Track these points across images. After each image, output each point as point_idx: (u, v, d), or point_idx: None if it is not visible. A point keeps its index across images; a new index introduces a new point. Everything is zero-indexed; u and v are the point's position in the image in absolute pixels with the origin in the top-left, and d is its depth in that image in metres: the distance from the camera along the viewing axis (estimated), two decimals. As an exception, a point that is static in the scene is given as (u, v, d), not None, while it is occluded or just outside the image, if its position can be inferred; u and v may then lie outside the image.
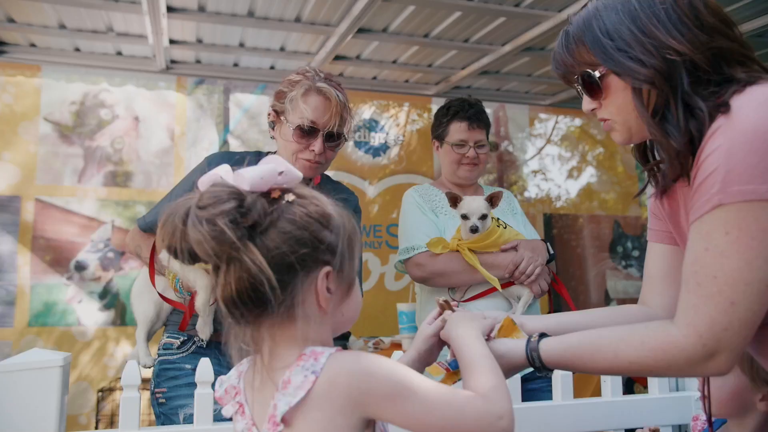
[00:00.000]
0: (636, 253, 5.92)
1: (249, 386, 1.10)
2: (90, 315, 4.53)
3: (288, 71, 4.99)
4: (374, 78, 5.29)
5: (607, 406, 1.86)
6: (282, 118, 2.09)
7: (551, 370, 1.28)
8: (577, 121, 6.03)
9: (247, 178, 1.01)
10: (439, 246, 2.40)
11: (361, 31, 4.21)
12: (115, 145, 4.72)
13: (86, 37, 4.32)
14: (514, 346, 1.29)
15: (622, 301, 5.83)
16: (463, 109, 2.67)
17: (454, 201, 2.42)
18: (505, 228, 2.44)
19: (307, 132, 2.03)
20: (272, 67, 5.03)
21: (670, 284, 1.37)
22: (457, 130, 2.66)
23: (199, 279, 1.94)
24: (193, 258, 0.97)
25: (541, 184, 5.83)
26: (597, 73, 1.25)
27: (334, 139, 2.08)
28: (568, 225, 5.82)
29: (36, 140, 4.53)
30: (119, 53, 4.71)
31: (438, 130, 2.73)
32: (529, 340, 1.28)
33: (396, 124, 5.43)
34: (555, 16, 3.97)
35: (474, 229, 2.34)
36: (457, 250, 2.39)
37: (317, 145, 2.04)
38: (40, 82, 4.57)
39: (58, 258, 4.50)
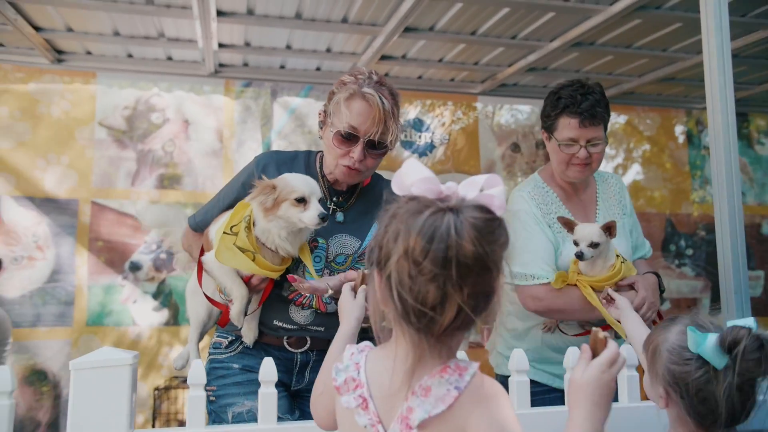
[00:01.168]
0: (690, 252, 5.74)
1: (374, 381, 1.12)
2: (144, 315, 4.64)
3: (334, 72, 5.06)
4: (419, 77, 5.27)
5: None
6: (328, 119, 2.04)
7: None
8: (622, 118, 5.89)
9: (497, 205, 1.05)
10: (560, 280, 2.23)
11: (407, 30, 4.20)
12: (166, 148, 4.83)
13: (138, 43, 4.43)
14: None
15: (675, 302, 5.66)
16: (575, 102, 2.25)
17: (569, 227, 2.23)
18: (623, 262, 2.26)
19: (346, 138, 1.96)
20: (318, 69, 5.06)
21: None
22: (567, 126, 2.28)
23: (235, 289, 1.94)
24: (462, 276, 0.99)
25: (588, 182, 5.71)
26: None
27: (375, 147, 1.99)
28: (618, 223, 5.69)
29: (92, 145, 4.66)
30: (169, 58, 4.81)
31: (546, 121, 2.38)
32: None
33: (441, 123, 5.40)
34: (606, 10, 3.88)
35: (579, 256, 2.15)
36: (576, 284, 2.23)
37: (357, 152, 1.96)
38: (95, 89, 4.72)
39: (113, 259, 4.63)
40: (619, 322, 2.08)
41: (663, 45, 4.58)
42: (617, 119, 5.88)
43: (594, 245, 2.14)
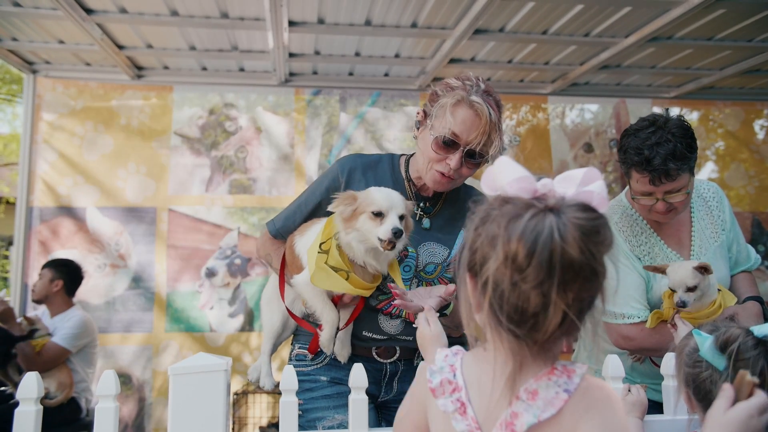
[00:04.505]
0: (780, 253, 5.41)
1: (472, 385, 1.08)
2: (220, 321, 4.75)
3: (402, 77, 5.06)
4: (488, 79, 5.17)
5: None
6: (428, 121, 1.96)
7: None
8: (695, 115, 5.63)
9: (597, 202, 0.99)
10: (655, 319, 2.14)
11: (477, 31, 4.14)
12: (239, 155, 4.94)
13: (213, 56, 4.55)
14: None
15: (765, 306, 5.34)
16: (643, 159, 2.02)
17: (660, 271, 2.12)
18: (720, 290, 2.14)
19: (447, 144, 1.89)
20: (386, 74, 5.07)
21: None
22: (639, 181, 2.09)
23: (326, 313, 1.89)
24: (567, 282, 0.95)
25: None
26: None
27: (474, 157, 1.91)
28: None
29: (168, 153, 4.83)
30: (242, 69, 4.93)
31: (622, 166, 2.19)
32: None
33: (510, 125, 5.31)
34: (687, 2, 3.70)
35: (681, 305, 2.04)
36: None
37: (454, 160, 1.89)
38: (171, 102, 4.88)
39: (189, 265, 4.76)
40: None
41: (748, 35, 4.34)
42: (689, 115, 5.62)
43: (692, 289, 2.02)
